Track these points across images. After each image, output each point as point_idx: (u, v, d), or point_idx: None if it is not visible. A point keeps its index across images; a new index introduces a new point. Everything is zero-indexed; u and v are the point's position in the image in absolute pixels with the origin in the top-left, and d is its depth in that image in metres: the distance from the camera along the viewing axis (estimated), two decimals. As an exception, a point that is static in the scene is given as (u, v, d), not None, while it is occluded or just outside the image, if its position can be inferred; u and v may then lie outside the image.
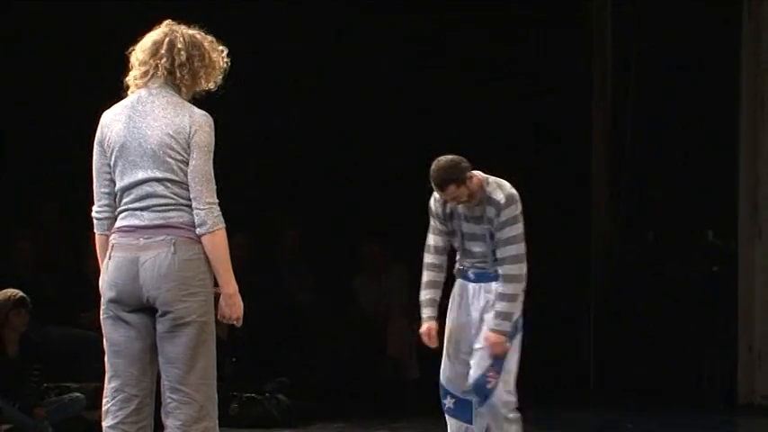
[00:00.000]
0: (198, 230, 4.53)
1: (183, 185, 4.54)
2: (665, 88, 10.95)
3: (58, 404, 8.58)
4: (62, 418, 8.52)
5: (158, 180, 4.54)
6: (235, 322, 4.67)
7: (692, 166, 10.94)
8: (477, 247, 6.18)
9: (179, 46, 4.59)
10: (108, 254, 4.63)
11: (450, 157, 6.09)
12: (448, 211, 6.23)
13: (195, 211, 4.53)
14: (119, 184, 4.60)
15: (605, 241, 11.19)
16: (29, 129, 10.28)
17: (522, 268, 6.09)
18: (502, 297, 6.10)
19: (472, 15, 11.24)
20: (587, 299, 11.14)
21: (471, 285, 6.24)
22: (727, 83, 10.33)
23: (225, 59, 4.69)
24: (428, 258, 6.32)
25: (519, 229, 6.08)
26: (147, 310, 4.60)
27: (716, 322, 10.44)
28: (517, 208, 6.10)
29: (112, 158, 4.59)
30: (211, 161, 4.56)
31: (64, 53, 10.18)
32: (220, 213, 4.55)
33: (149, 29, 4.75)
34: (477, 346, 6.18)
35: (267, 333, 9.73)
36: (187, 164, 4.54)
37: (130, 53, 4.67)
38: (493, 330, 6.11)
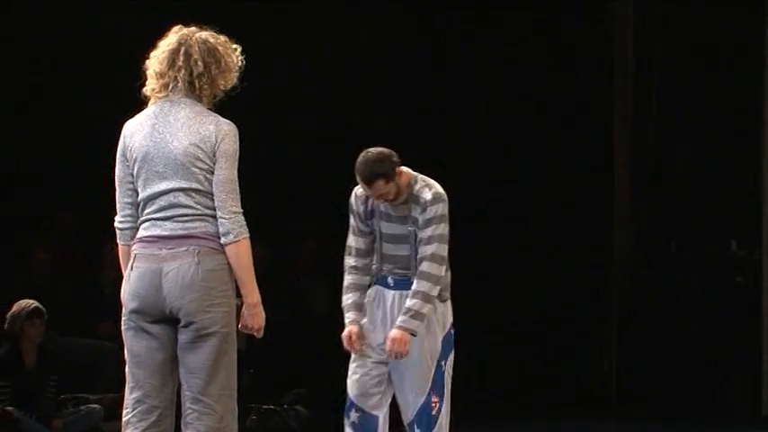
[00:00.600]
0: (222, 240, 4.54)
1: (208, 195, 4.55)
2: (687, 95, 10.90)
3: (76, 415, 8.60)
4: (79, 430, 8.54)
5: (183, 190, 4.54)
6: (256, 333, 4.68)
7: (716, 174, 10.89)
8: (398, 251, 5.74)
9: (195, 56, 4.59)
10: (130, 264, 4.63)
11: (379, 149, 5.66)
12: (369, 208, 5.79)
13: (220, 221, 4.53)
14: (141, 194, 4.60)
15: (627, 252, 11.14)
16: (45, 137, 10.29)
17: (440, 270, 5.65)
18: (415, 294, 5.61)
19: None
20: (609, 310, 11.09)
21: (389, 293, 5.78)
22: (752, 89, 10.29)
23: (240, 59, 4.70)
24: (349, 261, 5.83)
25: (443, 229, 5.68)
26: (170, 320, 4.60)
27: (739, 333, 10.39)
28: (444, 207, 5.69)
29: (135, 168, 4.60)
30: (236, 170, 4.58)
31: (81, 60, 10.19)
32: (245, 223, 4.57)
33: (163, 33, 4.75)
34: (405, 368, 5.69)
35: (285, 344, 9.72)
36: (212, 173, 4.55)
37: (145, 63, 4.69)
38: (400, 327, 5.59)
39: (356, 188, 5.84)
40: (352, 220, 5.87)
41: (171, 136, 4.57)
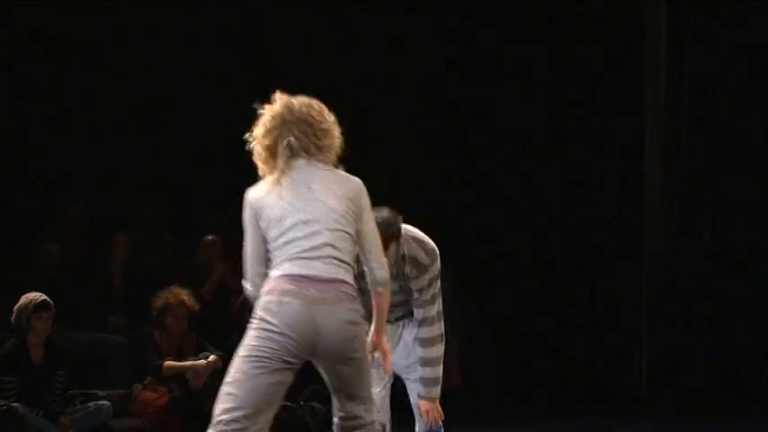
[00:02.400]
0: (377, 288, 4.87)
1: (352, 244, 4.76)
2: (720, 82, 10.82)
3: (84, 412, 8.56)
4: (88, 427, 8.51)
5: (332, 230, 4.70)
6: (386, 367, 5.17)
7: (749, 163, 10.79)
8: (395, 298, 5.68)
9: (310, 131, 4.77)
10: (277, 299, 4.67)
11: (384, 212, 5.62)
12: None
13: (373, 269, 4.84)
14: (284, 238, 4.69)
15: (659, 243, 11.04)
16: (55, 127, 10.27)
17: (441, 327, 5.81)
18: (427, 362, 5.81)
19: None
20: (640, 303, 11.00)
21: (390, 326, 5.76)
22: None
23: (333, 118, 4.87)
24: None
25: (438, 286, 5.76)
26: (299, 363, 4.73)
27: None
28: (438, 264, 5.74)
29: (273, 225, 4.71)
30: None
31: (89, 51, 10.18)
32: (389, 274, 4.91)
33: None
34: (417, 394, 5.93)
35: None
36: (355, 224, 4.77)
37: (253, 141, 4.80)
38: (424, 398, 5.88)
39: None
40: None
41: (315, 187, 4.74)
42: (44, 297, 8.36)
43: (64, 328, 8.83)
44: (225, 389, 4.71)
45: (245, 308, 9.11)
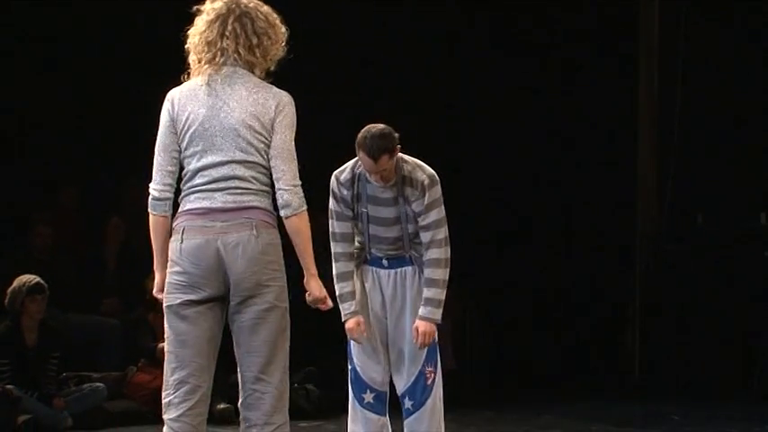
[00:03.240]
0: (283, 212, 4.57)
1: (264, 169, 4.56)
2: (713, 68, 10.84)
3: (78, 394, 8.59)
4: (82, 409, 8.54)
5: (239, 162, 4.52)
6: (323, 305, 4.74)
7: (744, 145, 10.82)
8: (388, 233, 5.84)
9: (248, 26, 4.59)
10: (178, 237, 4.55)
11: (380, 125, 5.73)
12: (354, 192, 5.86)
13: (279, 192, 4.56)
14: (192, 165, 4.57)
15: (651, 225, 11.08)
16: (48, 110, 10.29)
17: (448, 252, 5.82)
18: (432, 283, 5.80)
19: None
20: (632, 286, 11.05)
21: (385, 272, 5.92)
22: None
23: (285, 29, 4.70)
24: (336, 248, 5.89)
25: (443, 211, 5.81)
26: (220, 299, 4.57)
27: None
28: (439, 189, 5.81)
29: (186, 138, 4.57)
30: (293, 142, 4.60)
31: (81, 34, 10.19)
32: (303, 195, 4.60)
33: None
34: (403, 343, 5.89)
35: (295, 322, 9.67)
36: (269, 146, 4.56)
37: (187, 32, 4.67)
38: (423, 318, 5.80)
39: (336, 173, 5.90)
40: (334, 206, 5.90)
41: (228, 107, 4.55)
42: (38, 279, 8.39)
43: (58, 311, 8.88)
44: (165, 347, 4.61)
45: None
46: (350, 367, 6.01)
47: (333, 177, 5.91)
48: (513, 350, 11.12)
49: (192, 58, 4.65)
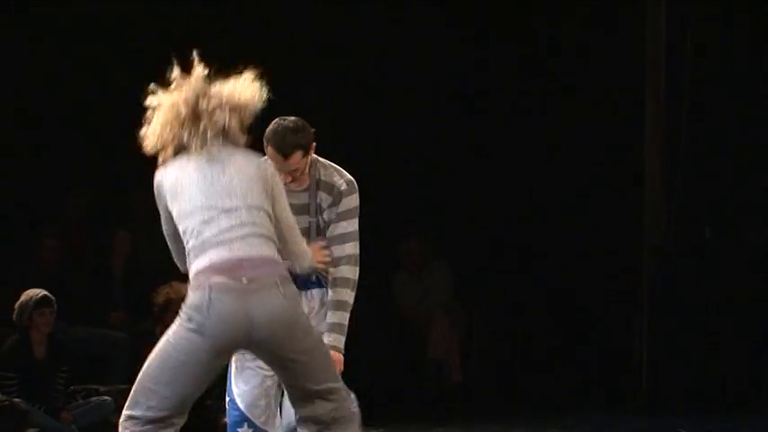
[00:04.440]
0: (297, 267, 4.70)
1: (270, 223, 4.51)
2: (722, 73, 10.86)
3: (86, 407, 8.63)
4: (89, 422, 8.57)
5: (250, 207, 4.47)
6: None
7: (752, 158, 10.84)
8: None
9: (218, 114, 4.55)
10: (205, 294, 4.38)
11: (295, 118, 5.11)
12: None
13: (297, 261, 4.68)
14: (198, 220, 4.48)
15: (658, 238, 11.09)
16: (55, 122, 10.34)
17: (356, 271, 5.24)
18: (339, 306, 5.20)
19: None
20: (639, 299, 11.06)
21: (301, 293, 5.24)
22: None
23: (260, 88, 4.64)
24: None
25: (356, 225, 5.23)
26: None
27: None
28: (357, 198, 5.23)
29: (190, 215, 4.48)
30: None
31: (90, 46, 10.24)
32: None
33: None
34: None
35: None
36: (271, 205, 4.55)
37: (149, 114, 4.66)
38: (332, 348, 5.08)
39: None
40: None
41: (228, 176, 4.49)
42: (45, 293, 8.45)
43: (65, 324, 8.92)
44: (144, 380, 4.44)
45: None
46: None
47: None
48: (520, 364, 11.14)
49: (157, 129, 4.63)
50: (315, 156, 5.23)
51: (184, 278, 9.63)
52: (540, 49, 11.42)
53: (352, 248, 5.22)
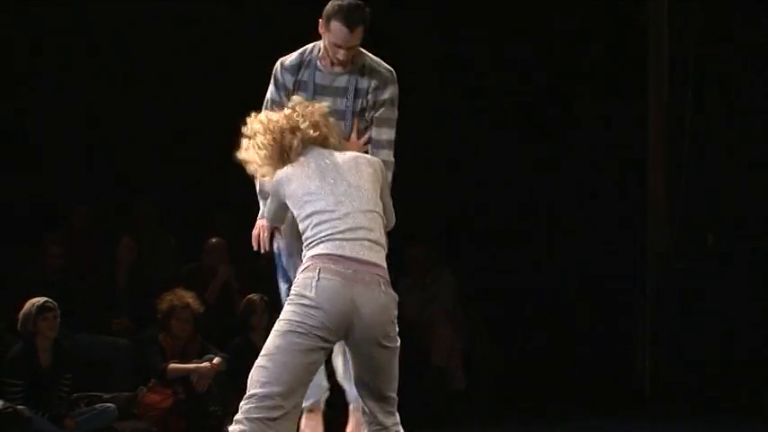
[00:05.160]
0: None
1: (382, 223, 4.86)
2: (724, 79, 10.88)
3: (89, 414, 8.65)
4: (92, 429, 8.58)
5: (371, 212, 4.82)
6: None
7: (755, 165, 10.86)
8: None
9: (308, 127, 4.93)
10: (314, 275, 4.70)
11: None
12: (298, 78, 5.37)
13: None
14: (315, 219, 4.78)
15: (662, 245, 11.11)
16: (59, 129, 10.37)
17: (392, 155, 5.44)
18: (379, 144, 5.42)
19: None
20: (642, 305, 11.08)
21: None
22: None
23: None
24: None
25: (397, 113, 5.41)
26: (333, 342, 4.79)
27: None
28: (397, 87, 5.39)
29: (306, 207, 4.78)
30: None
31: (95, 55, 10.28)
32: None
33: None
34: None
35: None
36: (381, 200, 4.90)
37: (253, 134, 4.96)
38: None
39: (282, 58, 5.44)
40: (273, 94, 5.43)
41: (343, 173, 4.83)
42: (45, 299, 8.47)
43: (68, 331, 8.94)
44: (259, 361, 4.70)
45: (251, 310, 9.27)
46: None
47: (278, 62, 5.44)
48: (523, 369, 11.16)
49: (259, 154, 4.96)
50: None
51: (187, 286, 9.69)
52: (544, 48, 11.42)
53: (391, 134, 5.40)
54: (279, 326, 4.70)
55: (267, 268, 4.94)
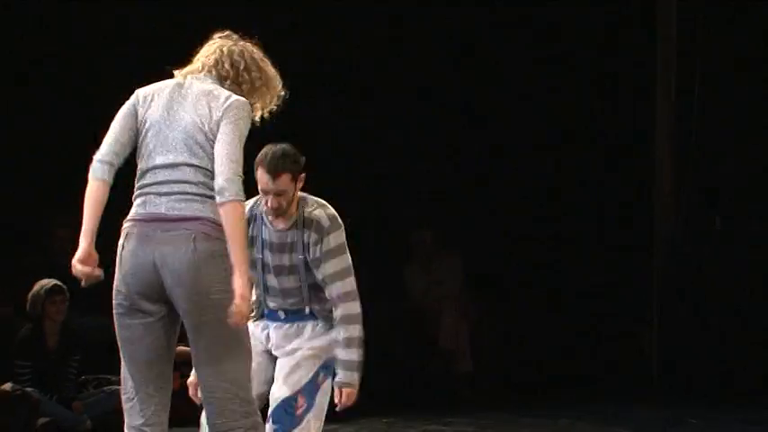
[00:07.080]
0: (219, 197, 4.39)
1: (211, 175, 4.45)
2: (730, 66, 10.90)
3: (97, 397, 8.69)
4: (101, 412, 8.61)
5: (189, 165, 4.47)
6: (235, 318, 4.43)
7: (761, 147, 10.88)
8: (287, 283, 5.30)
9: (238, 57, 4.63)
10: (122, 242, 4.66)
11: (287, 145, 5.22)
12: (250, 234, 5.26)
13: (216, 181, 4.40)
14: (143, 163, 4.56)
15: (669, 229, 11.13)
16: (67, 112, 10.40)
17: (358, 305, 5.23)
18: (350, 342, 5.21)
19: None
20: (650, 290, 11.11)
21: (278, 324, 5.35)
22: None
23: (280, 91, 4.73)
24: None
25: (348, 258, 5.22)
26: (164, 311, 4.61)
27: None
28: (343, 233, 5.25)
29: (144, 131, 4.55)
30: (241, 143, 4.48)
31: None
32: (242, 187, 4.44)
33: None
34: (287, 366, 5.30)
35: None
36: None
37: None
38: (344, 386, 5.24)
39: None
40: None
41: (183, 109, 4.53)
42: (55, 281, 8.51)
43: (76, 314, 8.98)
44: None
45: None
46: None
47: None
48: (531, 352, 11.19)
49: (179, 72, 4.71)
50: (303, 194, 5.31)
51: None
52: (552, 44, 11.45)
53: (350, 285, 5.26)
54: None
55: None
